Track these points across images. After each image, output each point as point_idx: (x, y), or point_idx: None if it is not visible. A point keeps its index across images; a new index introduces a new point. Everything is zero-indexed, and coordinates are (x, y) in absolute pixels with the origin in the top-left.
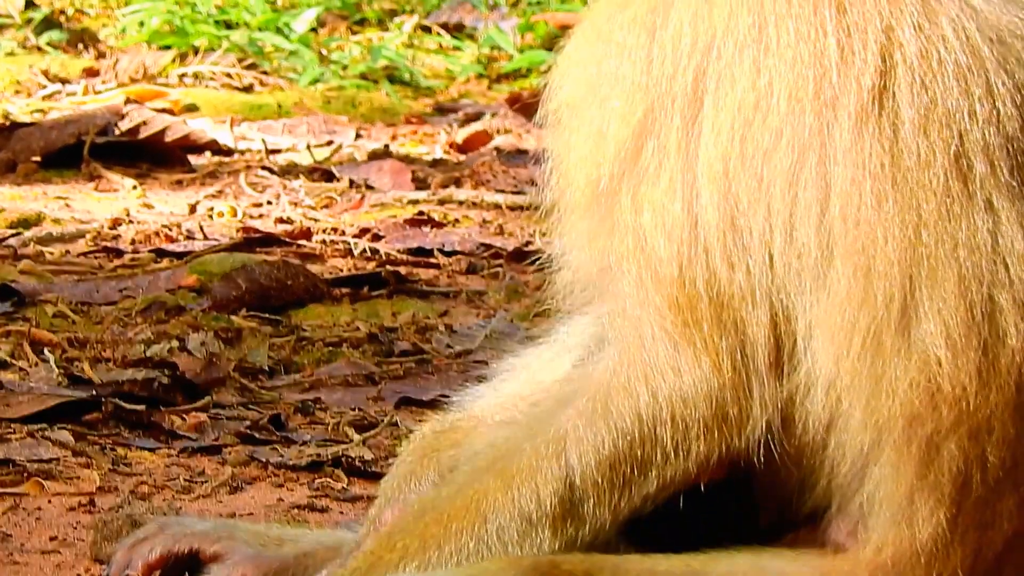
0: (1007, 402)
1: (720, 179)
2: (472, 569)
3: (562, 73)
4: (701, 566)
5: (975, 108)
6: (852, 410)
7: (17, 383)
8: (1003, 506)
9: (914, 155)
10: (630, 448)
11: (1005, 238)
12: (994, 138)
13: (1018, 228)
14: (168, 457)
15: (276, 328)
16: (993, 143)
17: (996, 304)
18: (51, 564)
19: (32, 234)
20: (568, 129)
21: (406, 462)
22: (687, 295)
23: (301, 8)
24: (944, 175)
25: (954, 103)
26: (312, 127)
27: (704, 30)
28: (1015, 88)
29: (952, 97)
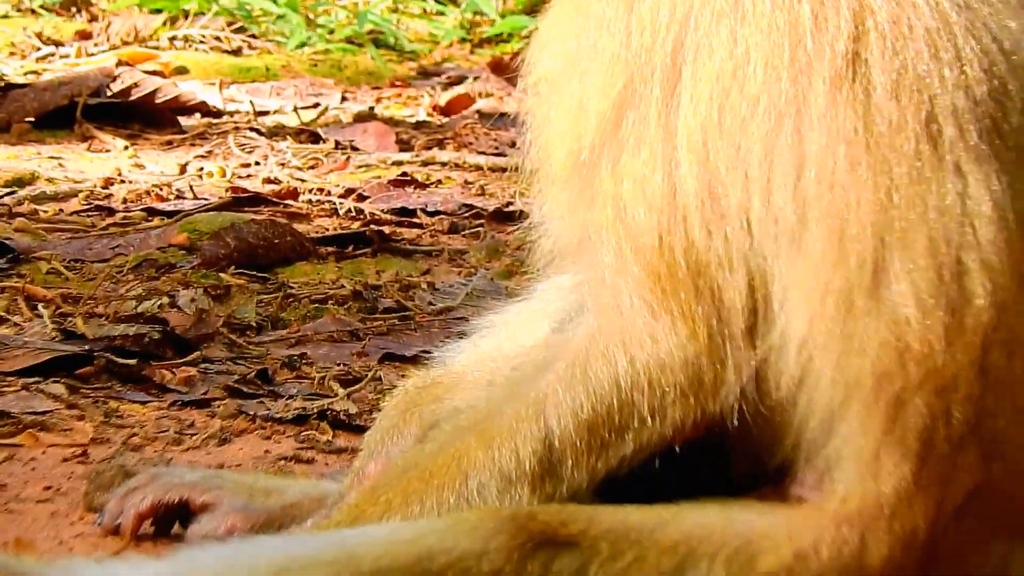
0: (972, 361)
1: (699, 148)
2: (453, 518)
3: (541, 46)
4: (672, 516)
5: (944, 73)
6: (823, 368)
7: (12, 338)
8: (965, 460)
9: (886, 120)
10: (608, 412)
11: (973, 201)
12: (963, 102)
13: (985, 191)
14: (159, 410)
15: (264, 285)
16: (962, 107)
17: (964, 266)
18: (46, 513)
19: (26, 193)
20: (548, 102)
21: (389, 416)
22: (666, 264)
23: None
24: (915, 139)
25: (924, 68)
26: (299, 90)
27: (681, 1)
28: (982, 52)
29: (922, 62)
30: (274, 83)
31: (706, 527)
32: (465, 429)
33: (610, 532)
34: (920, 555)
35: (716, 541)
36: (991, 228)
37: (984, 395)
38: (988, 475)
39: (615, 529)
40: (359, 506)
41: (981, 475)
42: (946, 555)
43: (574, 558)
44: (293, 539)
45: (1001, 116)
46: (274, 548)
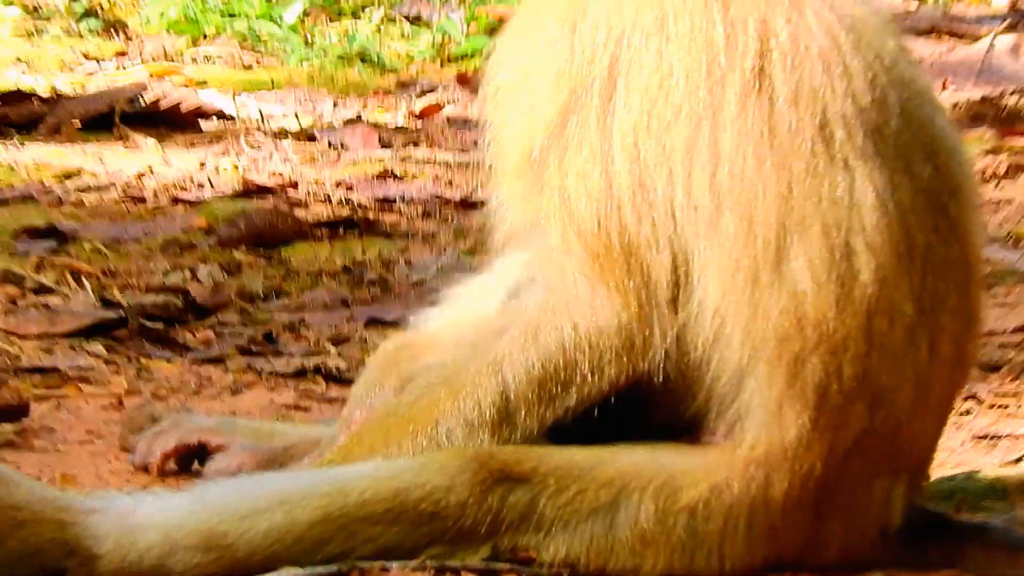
0: (859, 326)
1: (631, 148)
2: (426, 458)
3: (498, 60)
4: (609, 456)
5: (835, 85)
6: (733, 332)
7: (60, 305)
8: (854, 410)
9: (787, 124)
10: (555, 370)
11: (859, 192)
12: (851, 109)
13: (869, 184)
14: (181, 366)
15: (269, 262)
16: (850, 113)
17: (851, 247)
18: (87, 452)
19: (73, 184)
20: (504, 108)
21: (372, 371)
22: (603, 245)
23: (291, 2)
24: (811, 140)
25: (818, 81)
26: (299, 99)
27: (616, 24)
28: (867, 67)
29: (817, 75)
30: (278, 93)
31: (637, 465)
32: (436, 384)
33: (557, 469)
34: (816, 490)
35: (645, 477)
36: (874, 215)
37: (869, 355)
38: (873, 423)
39: (561, 467)
40: (347, 447)
41: (867, 423)
42: (838, 489)
43: (526, 491)
44: (293, 475)
45: (883, 121)
46: (277, 482)
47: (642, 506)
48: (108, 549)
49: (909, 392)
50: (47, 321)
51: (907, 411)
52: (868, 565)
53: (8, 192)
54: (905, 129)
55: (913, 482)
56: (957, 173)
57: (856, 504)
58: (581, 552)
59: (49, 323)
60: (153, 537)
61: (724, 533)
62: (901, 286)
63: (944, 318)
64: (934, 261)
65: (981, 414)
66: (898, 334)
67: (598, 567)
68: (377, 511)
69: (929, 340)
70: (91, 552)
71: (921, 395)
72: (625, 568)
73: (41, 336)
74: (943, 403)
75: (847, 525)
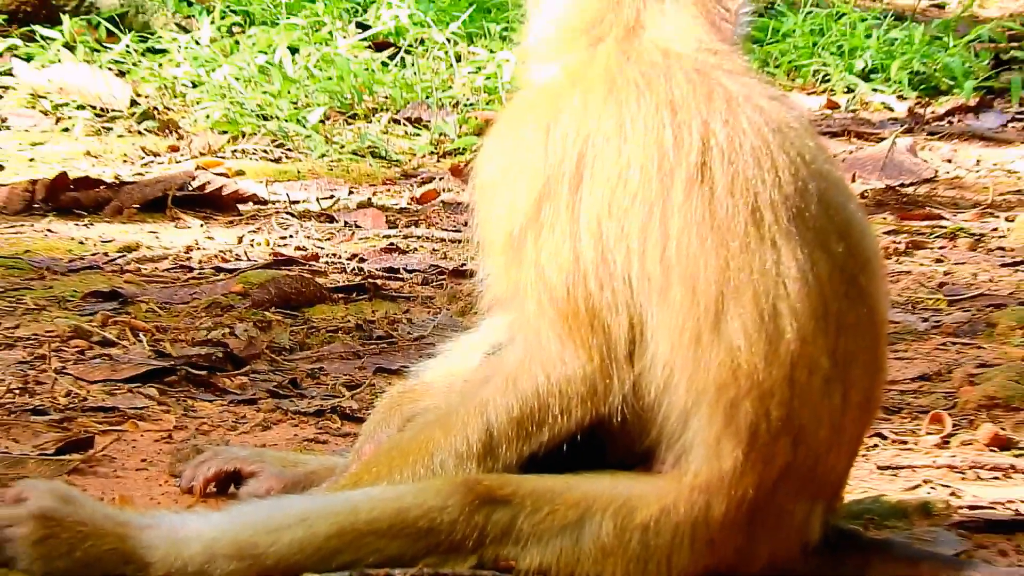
0: (784, 376)
1: (595, 229)
2: (423, 483)
3: (485, 158)
4: (576, 482)
5: (764, 176)
6: (680, 381)
7: (120, 356)
8: (779, 446)
9: (724, 209)
10: (530, 412)
11: (784, 266)
12: (777, 196)
13: (792, 259)
14: (221, 406)
15: (294, 320)
16: (776, 200)
17: (778, 311)
18: (142, 478)
19: (132, 256)
20: (490, 197)
21: (380, 412)
22: (571, 309)
23: (313, 107)
24: (744, 223)
25: (751, 173)
26: (320, 186)
27: (583, 128)
28: (790, 162)
29: (749, 169)
30: (303, 182)
31: (599, 490)
32: (432, 423)
33: (532, 493)
34: (748, 511)
35: (606, 500)
36: (797, 285)
37: (792, 400)
38: (795, 456)
39: (536, 491)
40: (358, 475)
41: (791, 456)
42: (766, 511)
43: (507, 511)
44: (313, 497)
45: (804, 206)
46: (299, 502)
47: (603, 524)
48: (158, 558)
49: (826, 431)
50: (110, 369)
51: (824, 446)
52: (791, 574)
53: (79, 262)
54: (822, 213)
55: (829, 505)
56: (866, 249)
57: (781, 523)
58: (552, 562)
59: (111, 370)
60: (196, 548)
61: (672, 546)
62: (819, 343)
63: (855, 370)
64: (846, 323)
65: (885, 449)
66: (816, 383)
67: (567, 574)
68: (383, 527)
69: (842, 388)
70: (144, 560)
71: (835, 433)
72: (589, 575)
73: (104, 381)
74: (854, 440)
75: (774, 540)
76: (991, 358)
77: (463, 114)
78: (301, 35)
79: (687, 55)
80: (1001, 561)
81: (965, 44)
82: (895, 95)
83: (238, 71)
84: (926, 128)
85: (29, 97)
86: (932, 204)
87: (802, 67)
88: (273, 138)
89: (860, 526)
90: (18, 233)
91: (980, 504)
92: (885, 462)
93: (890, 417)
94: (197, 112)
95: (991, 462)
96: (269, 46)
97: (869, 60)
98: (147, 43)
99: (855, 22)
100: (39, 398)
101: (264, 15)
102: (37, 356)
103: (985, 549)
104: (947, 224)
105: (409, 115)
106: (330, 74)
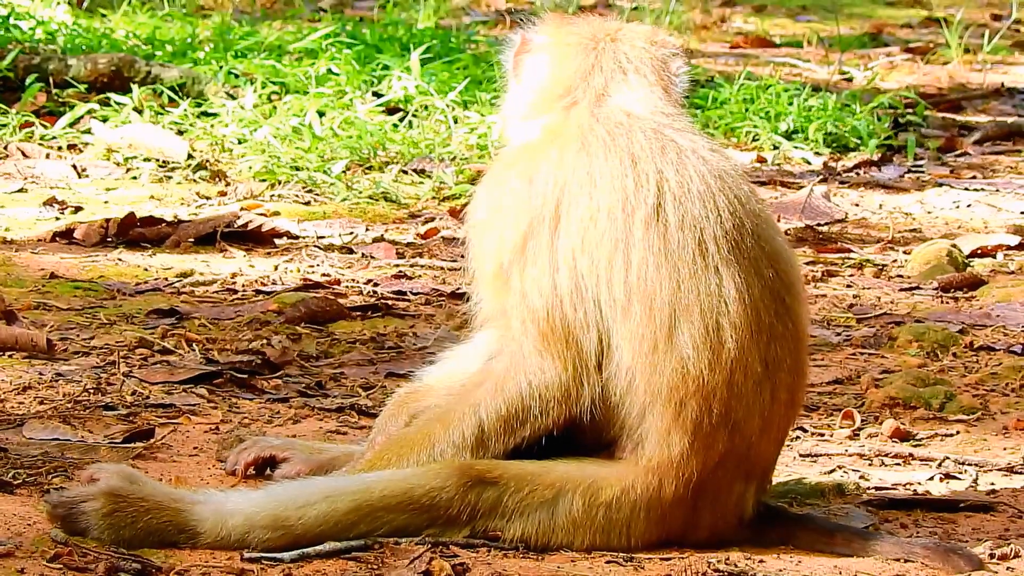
0: (724, 380)
1: (571, 261)
2: (426, 467)
3: (478, 202)
4: (552, 466)
5: (708, 215)
6: (639, 384)
7: (177, 362)
8: (718, 436)
9: (676, 241)
10: (515, 413)
11: (725, 288)
12: (719, 232)
13: (732, 283)
14: (259, 404)
15: (320, 333)
16: (719, 235)
17: (720, 325)
18: (194, 462)
19: (187, 280)
20: (481, 235)
21: (390, 408)
22: (549, 327)
23: (337, 160)
24: (692, 253)
25: (697, 212)
26: (342, 225)
27: (560, 178)
28: (729, 203)
29: (696, 208)
30: (328, 221)
31: (571, 473)
32: (433, 419)
33: (516, 475)
34: (694, 491)
35: (576, 481)
36: (735, 304)
37: (730, 399)
38: (733, 444)
39: (519, 474)
40: (372, 461)
41: (728, 444)
42: (709, 491)
43: (495, 490)
44: (335, 478)
45: (740, 239)
46: (324, 483)
47: (574, 501)
48: (207, 529)
49: (757, 423)
50: (168, 373)
51: (756, 436)
52: (729, 543)
53: (143, 286)
54: (756, 245)
55: (760, 485)
56: (791, 275)
57: (720, 500)
58: (532, 533)
59: (169, 374)
60: (238, 520)
61: (630, 520)
62: (753, 352)
63: (782, 374)
64: (775, 335)
65: (805, 440)
66: (750, 384)
67: (544, 543)
68: (392, 503)
69: (771, 389)
70: (195, 530)
71: (765, 425)
72: (562, 543)
73: (163, 383)
74: (781, 431)
75: (714, 515)
76: (892, 365)
77: (459, 166)
78: (327, 102)
79: (645, 117)
80: (903, 532)
81: (869, 110)
82: (812, 151)
83: (275, 131)
84: (838, 178)
85: (105, 151)
86: (843, 240)
87: (736, 128)
88: (304, 185)
89: (785, 504)
90: (94, 262)
91: (884, 486)
92: (806, 451)
93: (810, 414)
94: (241, 164)
95: (893, 451)
96: (301, 110)
97: (791, 123)
98: (201, 107)
99: (779, 92)
100: (109, 396)
101: (297, 85)
102: (108, 362)
103: (889, 523)
104: (855, 256)
105: (415, 167)
106: (351, 133)
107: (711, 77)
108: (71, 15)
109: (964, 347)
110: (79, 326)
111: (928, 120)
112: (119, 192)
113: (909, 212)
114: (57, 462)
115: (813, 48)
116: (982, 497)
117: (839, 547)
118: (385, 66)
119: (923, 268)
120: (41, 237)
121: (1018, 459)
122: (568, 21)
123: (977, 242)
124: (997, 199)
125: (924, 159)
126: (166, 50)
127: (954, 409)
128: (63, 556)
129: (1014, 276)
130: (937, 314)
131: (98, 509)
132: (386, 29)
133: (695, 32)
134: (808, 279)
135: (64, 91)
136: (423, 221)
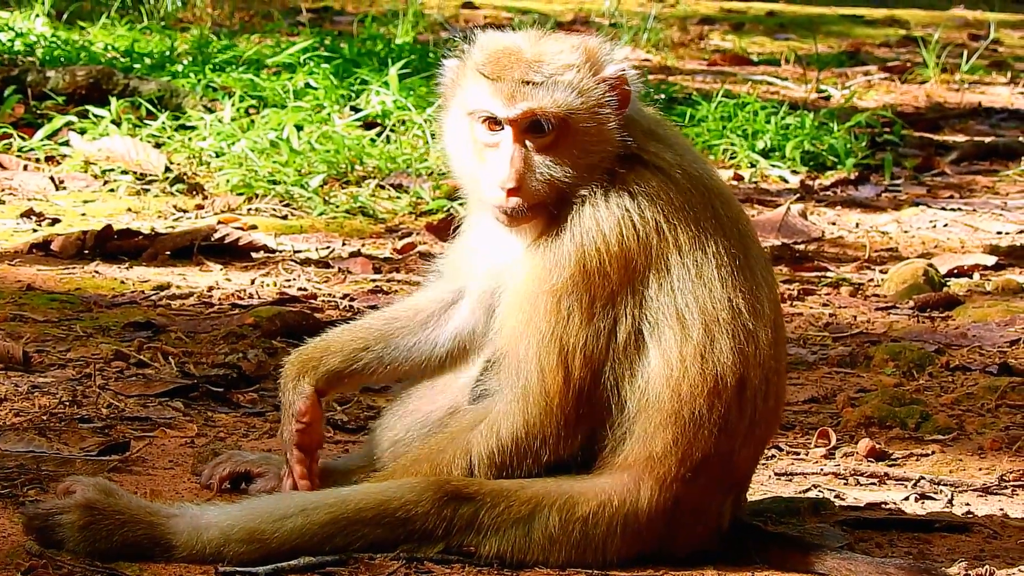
0: (709, 390)
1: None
2: (401, 481)
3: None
4: (528, 483)
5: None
6: (631, 400)
7: (153, 375)
8: (699, 436)
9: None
10: (507, 457)
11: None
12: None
13: (742, 302)
14: (235, 418)
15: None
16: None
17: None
18: (169, 475)
19: (164, 293)
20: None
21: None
22: (558, 387)
23: (314, 174)
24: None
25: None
26: (319, 239)
27: None
28: (730, 220)
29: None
30: (305, 235)
31: (548, 488)
32: (422, 459)
33: (493, 491)
34: (670, 503)
35: (553, 496)
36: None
37: (711, 407)
38: (716, 451)
39: (496, 490)
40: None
41: (708, 446)
42: (687, 502)
43: (471, 506)
44: (311, 492)
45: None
46: (299, 497)
47: (550, 517)
48: (182, 542)
49: (744, 427)
50: (144, 385)
51: (740, 442)
52: (704, 560)
53: (120, 298)
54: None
55: (736, 502)
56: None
57: (698, 512)
58: (508, 549)
59: (145, 387)
60: (214, 533)
61: (607, 535)
62: (748, 368)
63: (773, 377)
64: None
65: (781, 459)
66: (728, 400)
67: (519, 559)
68: (368, 516)
69: (763, 394)
70: (170, 543)
71: (750, 430)
72: (537, 560)
73: (139, 396)
74: (763, 439)
75: (691, 529)
76: (868, 385)
77: (436, 182)
78: (305, 116)
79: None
80: (878, 552)
81: (847, 129)
82: (789, 170)
83: (253, 144)
84: (815, 197)
85: (82, 164)
86: (820, 259)
87: (714, 146)
88: (281, 199)
89: (761, 522)
90: (71, 274)
91: (859, 505)
92: (781, 470)
93: (785, 433)
94: (219, 177)
95: (869, 471)
96: (279, 124)
97: (768, 141)
98: (179, 121)
99: (757, 110)
100: (85, 409)
101: (275, 99)
102: (85, 374)
103: (864, 543)
104: (832, 275)
105: (392, 182)
106: (328, 147)
107: (689, 94)
108: (50, 27)
109: (940, 367)
110: (55, 338)
111: (905, 139)
112: (97, 204)
113: (886, 231)
114: (32, 474)
115: (791, 66)
116: (957, 517)
117: (814, 566)
118: (363, 80)
119: (900, 287)
120: (18, 249)
121: (993, 480)
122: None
123: (954, 262)
124: (974, 219)
125: (901, 178)
126: (144, 63)
127: (930, 429)
128: (37, 568)
129: (990, 296)
130: (913, 334)
131: (74, 522)
132: (364, 44)
133: (673, 49)
134: (784, 297)
135: (42, 103)
136: (400, 236)
